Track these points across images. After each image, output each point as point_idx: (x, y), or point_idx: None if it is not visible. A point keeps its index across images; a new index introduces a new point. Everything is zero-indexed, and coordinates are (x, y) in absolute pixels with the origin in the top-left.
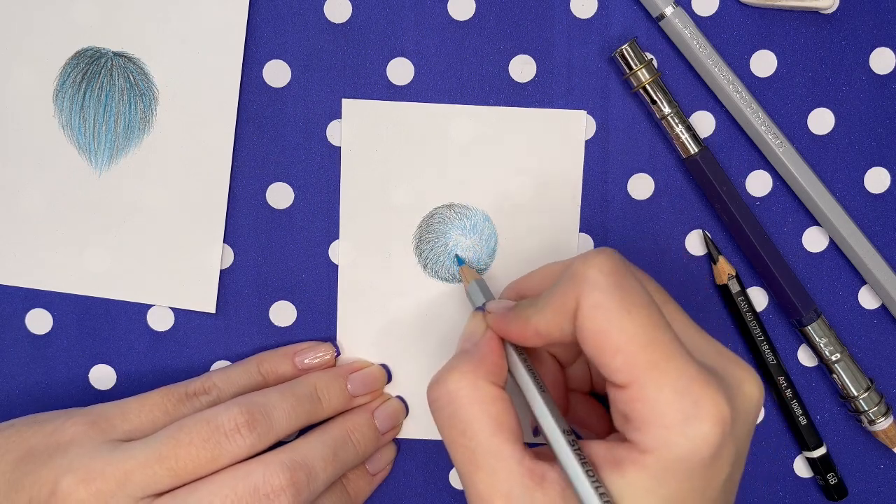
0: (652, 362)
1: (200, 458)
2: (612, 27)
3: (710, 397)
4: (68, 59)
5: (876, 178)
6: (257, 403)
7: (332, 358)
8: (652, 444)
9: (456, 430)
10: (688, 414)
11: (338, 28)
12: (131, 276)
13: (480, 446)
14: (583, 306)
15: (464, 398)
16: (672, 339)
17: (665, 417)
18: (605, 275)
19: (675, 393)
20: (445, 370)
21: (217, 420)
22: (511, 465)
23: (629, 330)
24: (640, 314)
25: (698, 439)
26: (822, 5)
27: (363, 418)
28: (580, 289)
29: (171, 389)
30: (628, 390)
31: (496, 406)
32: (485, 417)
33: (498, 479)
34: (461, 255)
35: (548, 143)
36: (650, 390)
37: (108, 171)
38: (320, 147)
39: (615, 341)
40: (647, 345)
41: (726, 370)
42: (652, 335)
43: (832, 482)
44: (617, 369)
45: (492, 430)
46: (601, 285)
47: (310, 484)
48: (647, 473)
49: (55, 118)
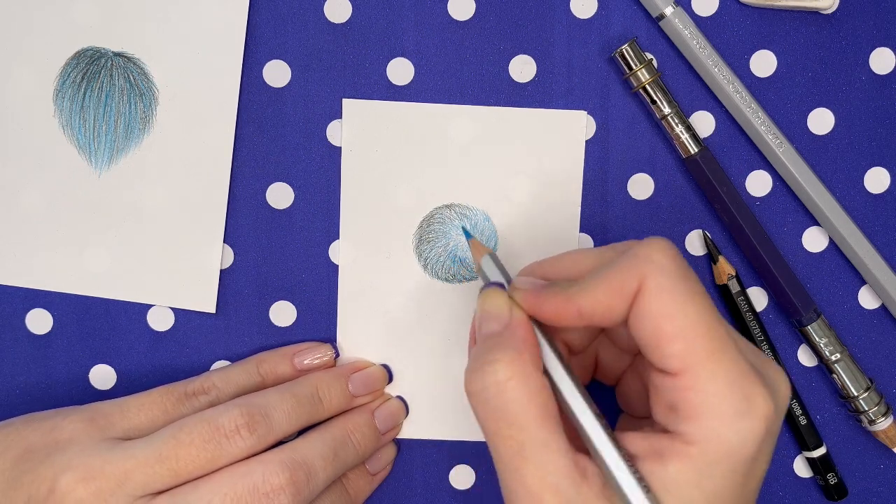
0: (709, 351)
1: (200, 459)
2: (612, 27)
3: (760, 394)
4: (68, 59)
5: (876, 178)
6: (258, 405)
7: (331, 359)
8: (700, 436)
9: (504, 422)
10: (739, 408)
11: (338, 28)
12: (131, 276)
13: (530, 438)
14: (648, 287)
15: (513, 389)
16: (728, 331)
17: (717, 409)
18: (671, 258)
19: (728, 385)
20: (488, 361)
21: (218, 421)
22: (559, 458)
23: (692, 316)
24: (703, 302)
25: (748, 434)
26: (822, 5)
27: (363, 418)
28: (645, 269)
29: (170, 388)
30: (681, 378)
31: (543, 396)
32: (535, 409)
33: (548, 471)
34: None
35: (548, 143)
36: (704, 380)
37: (108, 171)
38: (320, 147)
39: (677, 326)
40: (706, 333)
41: (765, 370)
42: (712, 324)
43: (832, 482)
44: (673, 355)
45: (542, 422)
46: (668, 269)
47: (309, 483)
48: (692, 465)
49: (55, 118)
